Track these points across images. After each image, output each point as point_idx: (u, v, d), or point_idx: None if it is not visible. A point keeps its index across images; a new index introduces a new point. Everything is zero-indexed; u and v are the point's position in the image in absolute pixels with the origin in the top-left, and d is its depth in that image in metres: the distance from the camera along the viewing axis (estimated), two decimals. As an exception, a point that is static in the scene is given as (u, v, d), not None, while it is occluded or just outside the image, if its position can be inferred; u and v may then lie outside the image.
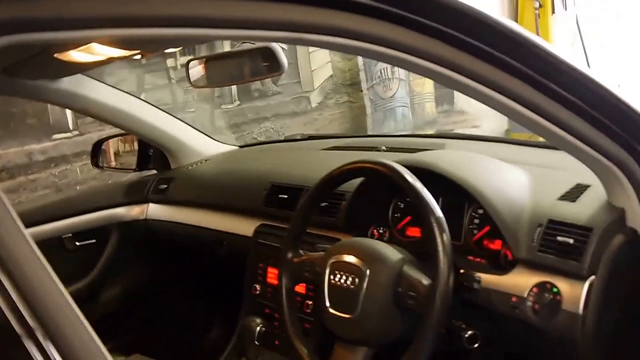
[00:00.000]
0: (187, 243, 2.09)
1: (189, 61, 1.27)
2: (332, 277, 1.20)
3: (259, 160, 2.07)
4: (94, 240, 2.11)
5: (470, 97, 0.86)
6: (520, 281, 1.16)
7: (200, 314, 2.25)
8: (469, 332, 1.15)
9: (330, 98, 5.72)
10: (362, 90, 5.71)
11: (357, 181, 1.46)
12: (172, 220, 2.11)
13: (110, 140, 2.56)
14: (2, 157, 3.56)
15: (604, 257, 1.06)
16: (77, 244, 2.06)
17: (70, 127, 3.72)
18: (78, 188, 3.93)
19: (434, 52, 0.77)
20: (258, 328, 1.51)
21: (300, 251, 1.35)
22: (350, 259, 1.19)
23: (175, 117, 2.19)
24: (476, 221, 1.35)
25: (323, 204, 1.56)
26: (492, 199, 1.22)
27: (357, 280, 1.16)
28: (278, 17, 0.66)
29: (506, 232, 1.19)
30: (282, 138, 5.52)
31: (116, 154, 2.70)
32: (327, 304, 1.20)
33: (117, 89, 1.99)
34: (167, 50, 3.28)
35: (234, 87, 4.91)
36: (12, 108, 3.56)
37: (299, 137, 2.34)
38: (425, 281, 1.10)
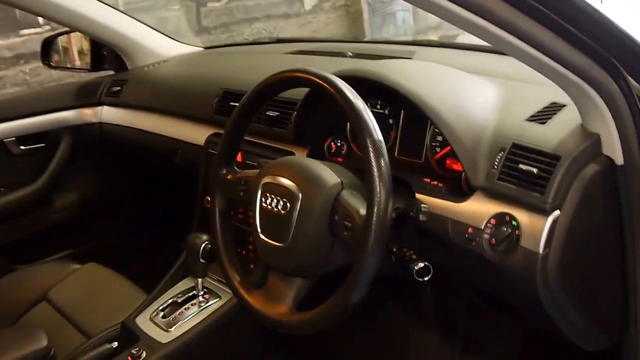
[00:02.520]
0: (143, 149, 1.94)
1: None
2: (263, 199, 1.04)
3: (215, 65, 1.87)
4: (43, 145, 1.96)
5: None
6: (478, 211, 1.00)
7: (157, 224, 2.14)
8: (420, 265, 1.01)
9: (326, 1, 5.37)
10: (360, -8, 5.36)
11: (305, 90, 1.27)
12: (127, 125, 1.95)
13: (72, 37, 2.36)
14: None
15: (572, 190, 0.90)
16: (23, 147, 1.91)
17: (41, 21, 3.48)
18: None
19: None
20: (203, 245, 1.39)
21: (236, 167, 1.18)
22: (283, 180, 1.02)
23: (130, 15, 1.97)
24: (439, 138, 1.18)
25: (273, 114, 1.39)
26: (447, 118, 1.05)
27: (288, 205, 1.00)
28: None
29: (463, 155, 1.02)
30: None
31: (80, 52, 2.50)
32: (258, 229, 1.06)
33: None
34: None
35: (221, -17, 4.59)
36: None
37: (266, 40, 2.11)
38: (363, 210, 0.93)
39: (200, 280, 1.44)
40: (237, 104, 1.50)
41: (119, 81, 1.99)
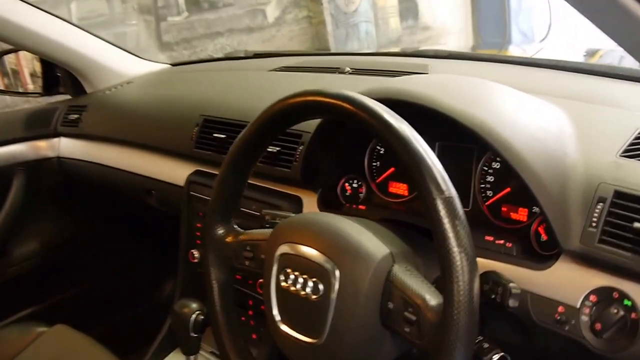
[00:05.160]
0: (110, 188, 1.60)
1: None
2: (282, 277, 0.74)
3: (189, 86, 1.54)
4: None
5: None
6: (569, 282, 0.73)
7: (131, 273, 1.79)
8: (495, 357, 0.72)
9: (288, 12, 5.06)
10: (322, 4, 5.08)
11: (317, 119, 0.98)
12: (89, 160, 1.60)
13: (21, 58, 2.00)
14: None
15: None
16: None
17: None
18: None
19: None
20: (194, 316, 1.06)
21: (236, 226, 0.87)
22: (308, 252, 0.72)
23: (84, 29, 1.62)
24: (490, 178, 0.90)
25: (273, 149, 1.08)
26: (526, 156, 0.76)
27: (321, 287, 0.70)
28: None
29: (550, 209, 0.74)
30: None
31: (33, 75, 2.14)
32: (276, 316, 0.75)
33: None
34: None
35: (180, -3, 4.22)
36: None
37: (242, 55, 1.79)
38: (433, 300, 0.64)
39: (192, 357, 1.11)
40: (222, 135, 1.20)
41: (76, 107, 1.64)
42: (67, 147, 1.66)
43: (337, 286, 0.69)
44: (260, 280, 1.07)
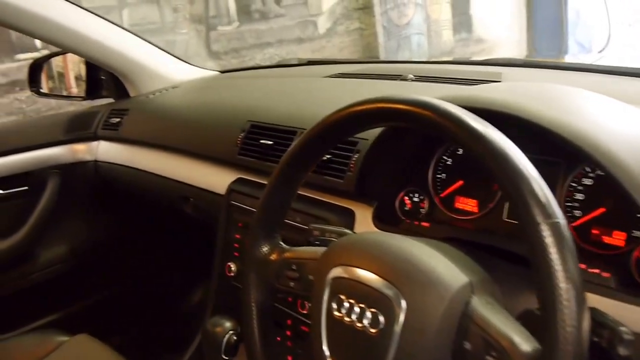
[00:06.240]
0: (146, 194, 1.53)
1: None
2: (334, 305, 0.63)
3: (238, 91, 1.45)
4: (27, 188, 1.55)
5: None
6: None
7: (162, 283, 1.72)
8: None
9: (340, 24, 5.00)
10: (374, 16, 4.99)
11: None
12: (127, 164, 1.54)
13: (68, 61, 1.97)
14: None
15: None
16: (1, 192, 1.51)
17: (39, 45, 3.10)
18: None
19: None
20: (227, 336, 0.96)
21: (281, 242, 0.77)
22: (367, 277, 0.60)
23: (130, 31, 1.57)
24: (579, 196, 0.76)
25: (324, 157, 0.97)
26: (636, 170, 0.63)
27: (381, 320, 0.58)
28: None
29: None
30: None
31: (78, 78, 2.12)
32: (326, 351, 0.64)
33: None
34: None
35: (232, 6, 4.21)
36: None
37: (295, 62, 1.70)
38: (524, 343, 0.51)
39: None
40: (269, 142, 1.11)
41: (118, 111, 1.59)
42: (105, 150, 1.61)
43: (402, 318, 0.57)
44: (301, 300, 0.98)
